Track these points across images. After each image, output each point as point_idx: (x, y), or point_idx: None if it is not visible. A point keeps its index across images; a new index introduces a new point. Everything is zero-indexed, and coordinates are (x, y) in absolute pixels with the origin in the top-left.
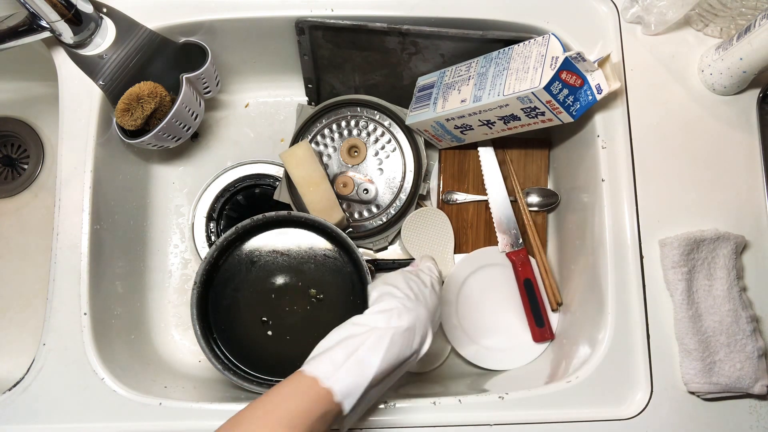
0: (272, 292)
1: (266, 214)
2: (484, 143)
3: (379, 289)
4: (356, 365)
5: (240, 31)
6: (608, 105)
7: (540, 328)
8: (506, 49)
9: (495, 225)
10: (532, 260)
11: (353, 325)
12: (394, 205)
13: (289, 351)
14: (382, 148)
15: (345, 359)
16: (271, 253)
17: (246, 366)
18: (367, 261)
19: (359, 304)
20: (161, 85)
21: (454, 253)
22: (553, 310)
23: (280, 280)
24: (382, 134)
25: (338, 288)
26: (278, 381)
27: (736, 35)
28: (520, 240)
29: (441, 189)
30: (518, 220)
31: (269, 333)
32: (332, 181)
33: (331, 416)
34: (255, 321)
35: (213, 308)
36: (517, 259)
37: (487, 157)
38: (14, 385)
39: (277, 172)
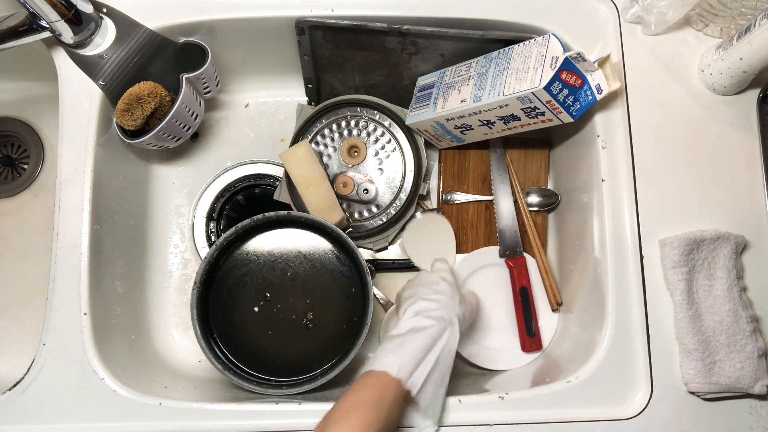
0: (272, 292)
1: (266, 214)
2: (496, 147)
3: (414, 303)
4: (417, 360)
5: (240, 31)
6: (608, 105)
7: (530, 338)
8: (506, 49)
9: (498, 231)
10: (531, 262)
11: (412, 330)
12: (394, 205)
13: (289, 351)
14: (382, 148)
15: (410, 357)
16: (271, 253)
17: (246, 366)
18: (367, 261)
19: (356, 307)
20: (161, 85)
21: (456, 252)
22: (553, 310)
23: (279, 280)
24: (382, 134)
25: (337, 289)
26: (278, 381)
27: (736, 35)
28: (520, 248)
29: (441, 189)
30: (518, 220)
31: (269, 333)
32: (332, 181)
33: (403, 399)
34: (255, 321)
35: (213, 308)
36: (515, 266)
37: (497, 162)
38: (14, 385)
39: (277, 172)
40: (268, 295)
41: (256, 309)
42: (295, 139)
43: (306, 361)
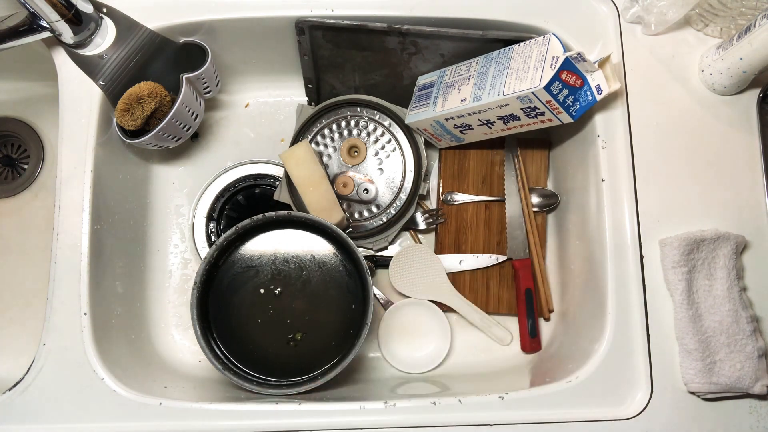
0: (271, 292)
1: (266, 214)
2: (510, 147)
3: None
4: None
5: (240, 31)
6: (608, 105)
7: (532, 339)
8: (507, 48)
9: (507, 232)
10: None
11: None
12: (394, 205)
13: (289, 351)
14: (382, 148)
15: None
16: (271, 253)
17: (246, 366)
18: (366, 258)
19: (357, 308)
20: (161, 85)
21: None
22: (545, 319)
23: (279, 279)
24: (382, 134)
25: (337, 289)
26: (278, 381)
27: (736, 35)
28: (527, 249)
29: (441, 189)
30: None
31: (269, 333)
32: (332, 181)
33: None
34: (255, 321)
35: (213, 308)
36: (522, 266)
37: (511, 163)
38: (14, 385)
39: (277, 172)
40: (267, 294)
41: (256, 308)
42: (295, 139)
43: (306, 361)
